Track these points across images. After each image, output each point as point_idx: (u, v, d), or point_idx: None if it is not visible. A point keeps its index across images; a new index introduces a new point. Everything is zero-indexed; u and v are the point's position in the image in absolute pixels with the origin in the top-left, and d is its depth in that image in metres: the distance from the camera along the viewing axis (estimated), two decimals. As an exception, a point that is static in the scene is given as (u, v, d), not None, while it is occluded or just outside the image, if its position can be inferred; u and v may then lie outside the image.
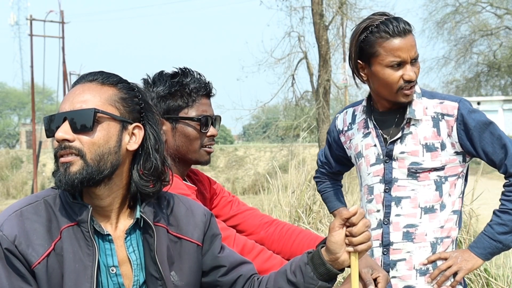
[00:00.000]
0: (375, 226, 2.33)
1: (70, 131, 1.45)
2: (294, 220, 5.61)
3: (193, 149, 2.07)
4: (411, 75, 2.18)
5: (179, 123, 2.04)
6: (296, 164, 6.46)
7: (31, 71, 21.58)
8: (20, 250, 1.42)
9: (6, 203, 19.44)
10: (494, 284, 4.46)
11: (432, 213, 2.26)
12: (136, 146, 1.51)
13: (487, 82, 33.20)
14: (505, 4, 30.02)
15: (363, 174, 2.39)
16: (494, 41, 30.98)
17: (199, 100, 2.07)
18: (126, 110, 1.51)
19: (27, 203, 1.48)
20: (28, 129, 34.97)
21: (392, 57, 2.16)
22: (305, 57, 15.83)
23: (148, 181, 1.52)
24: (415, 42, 2.19)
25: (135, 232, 1.54)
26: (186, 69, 2.09)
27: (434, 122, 2.24)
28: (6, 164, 25.97)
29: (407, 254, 2.27)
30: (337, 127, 2.50)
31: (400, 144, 2.26)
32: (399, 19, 2.18)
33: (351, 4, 15.50)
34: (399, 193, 2.28)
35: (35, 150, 21.45)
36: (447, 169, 2.25)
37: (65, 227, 1.46)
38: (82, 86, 1.51)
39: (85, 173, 1.43)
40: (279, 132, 18.44)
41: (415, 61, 2.20)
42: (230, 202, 2.26)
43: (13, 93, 52.27)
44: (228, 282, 1.66)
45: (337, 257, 1.56)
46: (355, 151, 2.40)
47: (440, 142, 2.23)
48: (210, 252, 1.65)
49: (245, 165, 26.87)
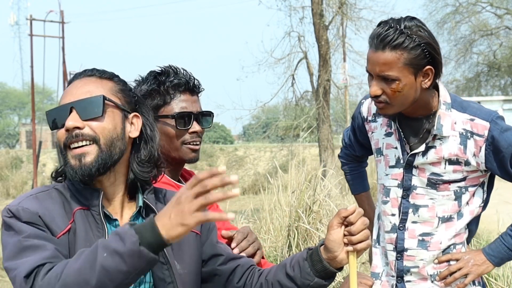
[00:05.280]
0: (389, 230, 2.28)
1: (79, 119, 1.50)
2: (294, 220, 5.61)
3: (174, 147, 2.06)
4: (372, 90, 2.07)
5: (158, 122, 2.00)
6: (296, 164, 6.46)
7: (31, 71, 21.58)
8: (45, 221, 1.45)
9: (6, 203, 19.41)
10: (494, 284, 4.46)
11: (449, 222, 2.21)
12: (137, 134, 1.59)
13: (487, 82, 33.17)
14: (505, 4, 29.99)
15: (380, 171, 2.32)
16: (494, 41, 30.95)
17: (179, 97, 2.06)
18: (125, 101, 1.59)
19: (39, 191, 1.54)
20: (28, 129, 34.98)
21: (366, 64, 2.10)
22: (305, 57, 15.81)
23: (145, 168, 1.58)
24: (389, 61, 2.01)
25: (138, 220, 1.58)
26: (170, 67, 2.07)
27: (461, 139, 2.13)
28: (6, 164, 25.96)
29: (420, 262, 2.23)
30: (362, 114, 2.38)
31: (422, 157, 2.18)
32: (390, 30, 2.01)
33: (351, 4, 15.49)
34: (417, 201, 2.21)
35: (35, 150, 21.44)
36: (468, 180, 2.19)
37: (77, 209, 1.51)
38: (82, 80, 1.57)
39: (100, 160, 1.50)
40: (279, 132, 18.43)
41: (386, 80, 2.04)
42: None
43: (13, 93, 52.25)
44: (226, 271, 1.69)
45: (335, 256, 1.56)
46: (375, 146, 2.33)
47: (465, 160, 2.14)
48: (209, 241, 1.69)
49: (245, 165, 26.87)
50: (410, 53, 2.01)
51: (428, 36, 2.04)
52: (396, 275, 2.28)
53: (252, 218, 6.76)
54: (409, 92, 2.06)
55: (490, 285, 4.47)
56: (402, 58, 2.01)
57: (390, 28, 2.01)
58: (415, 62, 2.03)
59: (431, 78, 2.08)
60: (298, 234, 5.55)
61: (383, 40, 2.01)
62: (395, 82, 2.04)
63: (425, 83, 2.08)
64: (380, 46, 2.02)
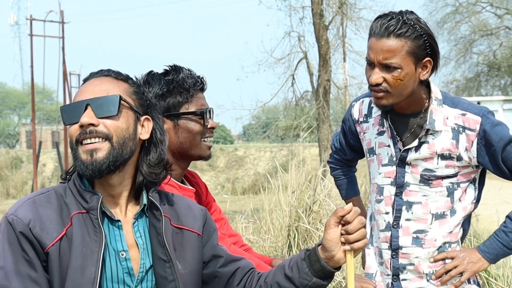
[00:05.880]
0: (383, 228, 2.30)
1: (94, 116, 1.52)
2: (294, 220, 5.61)
3: (195, 144, 2.09)
4: (373, 78, 2.07)
5: (181, 119, 2.05)
6: (296, 164, 6.46)
7: (31, 71, 21.56)
8: (34, 233, 1.47)
9: (6, 203, 19.43)
10: (494, 284, 4.45)
11: (442, 219, 2.23)
12: (148, 136, 1.61)
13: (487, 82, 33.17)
14: (505, 4, 29.99)
15: (373, 171, 2.34)
16: (494, 41, 30.95)
17: (196, 95, 2.09)
18: (138, 103, 1.61)
19: (39, 193, 1.55)
20: (28, 129, 34.94)
21: (367, 54, 2.11)
22: (305, 57, 15.81)
23: (155, 170, 1.61)
24: (393, 48, 2.03)
25: (142, 218, 1.60)
26: (177, 66, 2.10)
27: (453, 134, 2.16)
28: (6, 164, 25.95)
29: (415, 259, 2.25)
30: (352, 116, 2.40)
31: (414, 152, 2.20)
32: (393, 20, 2.05)
33: (351, 4, 15.49)
34: (410, 198, 2.23)
35: (35, 150, 21.44)
36: (460, 175, 2.21)
37: (75, 213, 1.52)
38: (99, 79, 1.59)
39: (111, 157, 1.52)
40: (279, 132, 18.43)
41: (388, 68, 2.06)
42: (221, 220, 2.26)
43: (13, 93, 52.25)
44: (227, 273, 1.70)
45: (333, 255, 1.58)
46: (368, 146, 2.35)
47: (457, 154, 2.17)
48: (210, 243, 1.71)
49: (245, 165, 26.85)
50: (413, 42, 2.04)
51: (428, 29, 2.08)
52: (392, 273, 2.29)
53: (252, 218, 6.76)
54: (409, 82, 2.08)
55: (490, 285, 4.47)
56: (406, 46, 2.04)
57: (392, 18, 2.05)
58: (417, 51, 2.06)
59: (429, 70, 2.12)
60: (298, 234, 5.54)
61: (387, 28, 2.03)
62: (397, 70, 2.06)
63: (423, 75, 2.11)
64: (385, 33, 2.04)
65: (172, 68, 2.09)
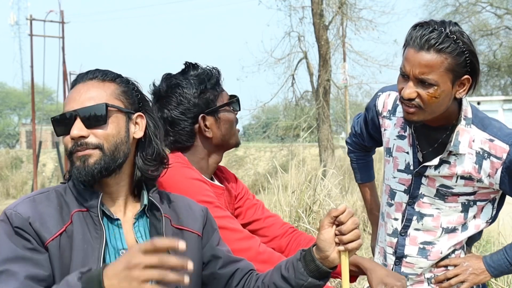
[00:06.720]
0: (390, 233, 2.25)
1: (84, 127, 1.53)
2: (294, 220, 5.61)
3: (233, 133, 2.14)
4: (406, 92, 1.94)
5: (220, 112, 2.09)
6: (296, 164, 6.46)
7: (31, 71, 21.55)
8: (34, 227, 1.47)
9: (6, 203, 19.42)
10: (494, 284, 4.45)
11: (452, 233, 2.18)
12: (142, 134, 1.61)
13: (487, 82, 33.15)
14: (505, 4, 29.99)
15: (387, 172, 2.26)
16: (494, 41, 30.95)
17: (220, 87, 2.14)
18: (128, 102, 1.60)
19: (39, 192, 1.56)
20: (28, 129, 34.96)
21: (402, 64, 1.97)
22: (305, 57, 15.80)
23: (152, 165, 1.61)
24: (432, 63, 1.89)
25: (142, 218, 1.61)
26: (191, 63, 2.12)
27: (477, 158, 2.05)
28: (6, 164, 25.94)
29: (419, 270, 2.21)
30: (377, 107, 2.28)
31: (434, 170, 2.11)
32: (435, 32, 1.90)
33: (351, 4, 15.48)
34: (422, 209, 2.17)
35: (35, 150, 21.43)
36: (478, 194, 2.13)
37: (76, 211, 1.53)
38: (85, 84, 1.58)
39: (103, 162, 1.52)
40: (279, 132, 18.44)
41: (424, 83, 1.93)
42: (255, 205, 2.28)
43: (13, 93, 52.22)
44: (226, 274, 1.70)
45: (327, 255, 1.59)
46: (386, 145, 2.26)
47: (478, 178, 2.08)
48: (209, 244, 1.71)
49: (245, 165, 26.84)
50: (454, 58, 1.91)
51: (471, 44, 1.95)
52: None
53: (252, 218, 6.75)
54: (444, 100, 1.96)
55: (490, 285, 4.47)
56: (445, 63, 1.90)
57: (434, 30, 1.90)
58: (457, 69, 1.93)
59: (466, 89, 1.99)
60: (298, 234, 5.54)
61: (428, 41, 1.89)
62: (433, 87, 1.93)
63: (460, 93, 1.99)
64: (424, 46, 1.89)
65: (191, 65, 2.11)
